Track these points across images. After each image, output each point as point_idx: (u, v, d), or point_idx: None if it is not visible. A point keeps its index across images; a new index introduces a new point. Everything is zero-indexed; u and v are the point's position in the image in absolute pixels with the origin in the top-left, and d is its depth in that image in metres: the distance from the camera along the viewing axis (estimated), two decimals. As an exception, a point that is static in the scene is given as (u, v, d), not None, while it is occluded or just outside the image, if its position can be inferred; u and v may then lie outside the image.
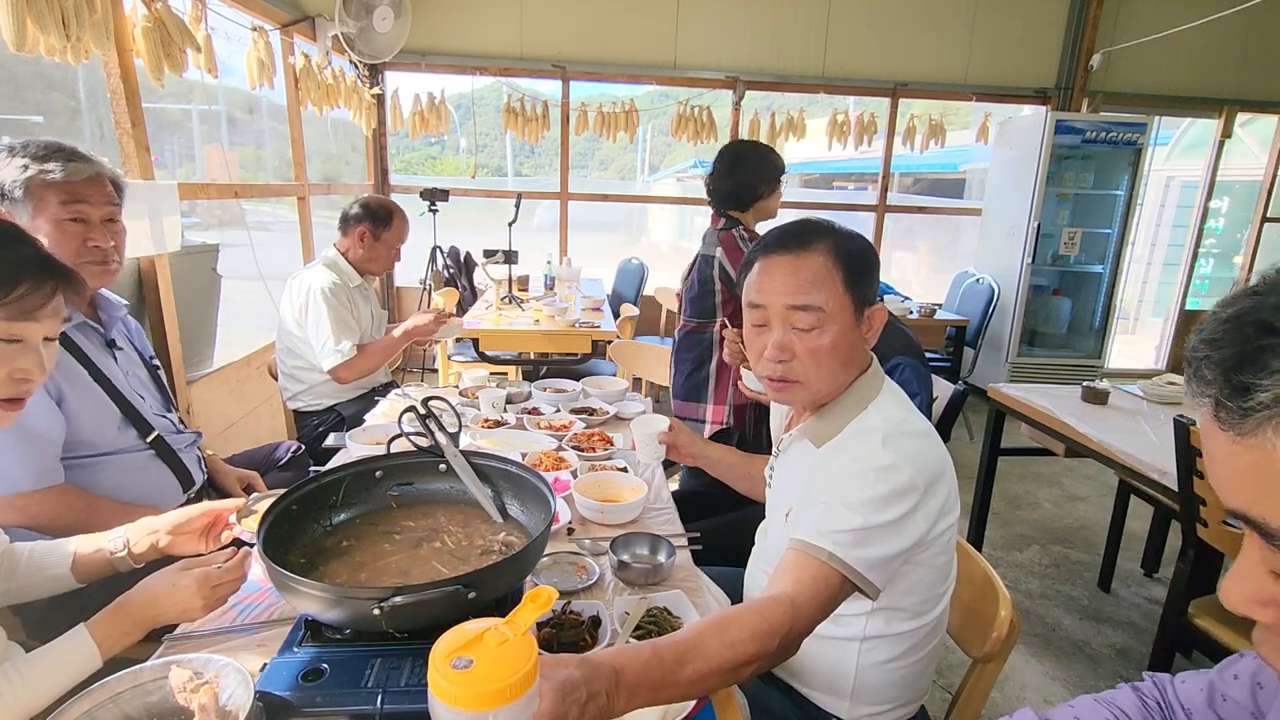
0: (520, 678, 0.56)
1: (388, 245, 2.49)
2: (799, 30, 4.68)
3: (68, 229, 1.33)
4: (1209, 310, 0.47)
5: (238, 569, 0.96)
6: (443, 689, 0.56)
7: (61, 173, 1.31)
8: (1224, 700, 0.66)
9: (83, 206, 1.35)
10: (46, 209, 1.31)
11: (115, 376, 1.44)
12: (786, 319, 1.00)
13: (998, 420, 2.54)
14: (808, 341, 0.99)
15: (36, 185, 1.30)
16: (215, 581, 0.93)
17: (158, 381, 1.60)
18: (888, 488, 0.90)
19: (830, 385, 1.03)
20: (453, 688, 0.55)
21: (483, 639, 0.59)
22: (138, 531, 1.06)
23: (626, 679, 0.69)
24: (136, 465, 1.45)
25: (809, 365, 1.00)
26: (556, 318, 3.20)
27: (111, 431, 1.41)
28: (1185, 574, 1.71)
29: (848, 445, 1.00)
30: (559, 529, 1.31)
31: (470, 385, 2.12)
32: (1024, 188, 4.52)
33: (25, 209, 1.30)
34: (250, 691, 0.74)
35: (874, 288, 1.03)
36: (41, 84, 2.37)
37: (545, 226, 5.61)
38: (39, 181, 1.30)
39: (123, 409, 1.43)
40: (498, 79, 4.62)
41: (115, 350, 1.48)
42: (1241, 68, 4.93)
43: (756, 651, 0.78)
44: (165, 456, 1.51)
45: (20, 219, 1.30)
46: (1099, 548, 2.72)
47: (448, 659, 0.58)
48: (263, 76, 3.05)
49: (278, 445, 2.03)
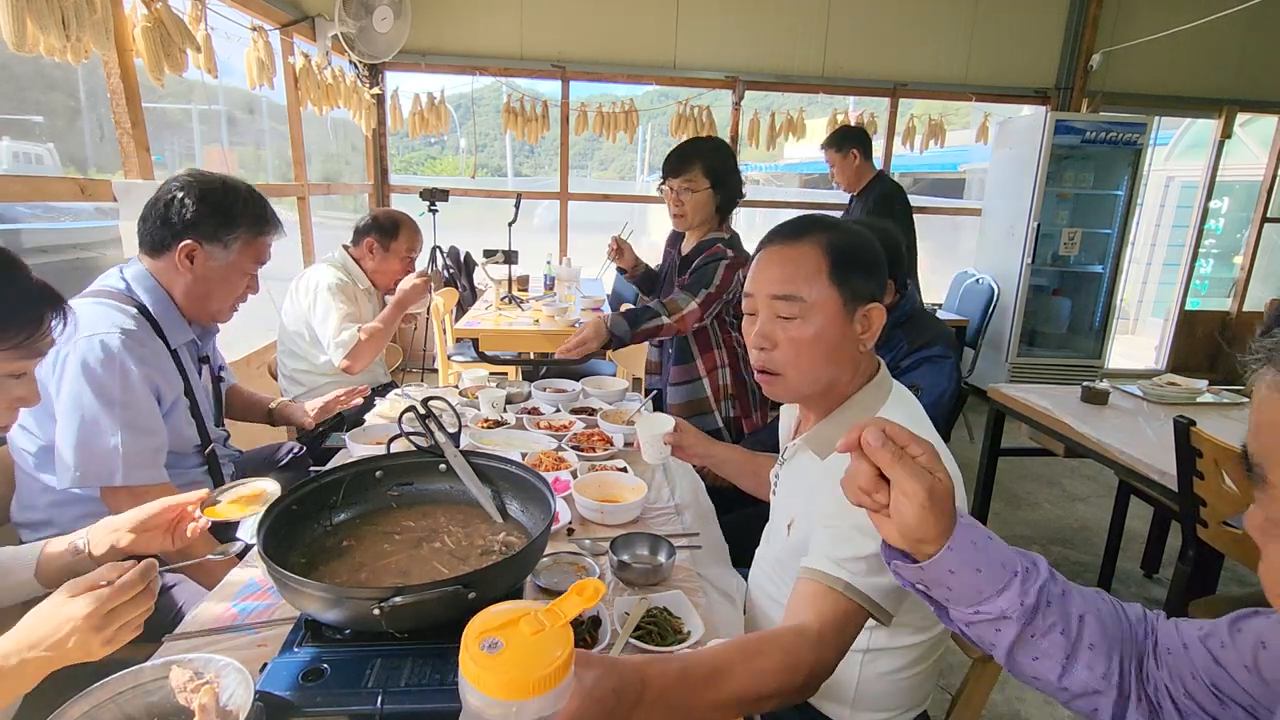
0: (550, 672, 0.52)
1: (397, 255, 2.55)
2: (799, 30, 4.68)
3: (245, 279, 1.48)
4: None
5: (136, 583, 0.78)
6: (468, 669, 0.52)
7: (269, 237, 1.48)
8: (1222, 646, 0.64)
9: (261, 265, 1.50)
10: (244, 263, 1.45)
11: (199, 391, 1.51)
12: (770, 308, 1.01)
13: (998, 420, 2.54)
14: (789, 331, 0.99)
15: (250, 245, 1.44)
16: (110, 605, 0.77)
17: (218, 394, 1.66)
18: None
19: (812, 380, 1.01)
20: (477, 669, 0.52)
21: (519, 624, 0.55)
22: (99, 531, 1.02)
23: (649, 694, 0.67)
24: (190, 478, 1.50)
25: (789, 356, 1.00)
26: (556, 318, 3.19)
27: (185, 442, 1.47)
28: (1185, 575, 1.71)
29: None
30: (559, 529, 1.30)
31: (470, 385, 2.11)
32: (1024, 188, 4.52)
33: (227, 257, 1.42)
34: (250, 691, 0.74)
35: (871, 285, 1.00)
36: (41, 84, 2.37)
37: (545, 226, 5.60)
38: (253, 242, 1.44)
39: (197, 421, 1.49)
40: (497, 79, 4.62)
41: (203, 365, 1.56)
42: (1241, 68, 4.93)
43: (779, 686, 0.76)
44: (212, 469, 1.56)
45: (213, 261, 1.41)
46: (1099, 548, 2.72)
47: (478, 639, 0.54)
48: (263, 76, 3.05)
49: (278, 446, 2.03)
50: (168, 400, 1.38)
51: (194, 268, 1.40)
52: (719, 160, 2.13)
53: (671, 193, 2.14)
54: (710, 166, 2.10)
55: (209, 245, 1.39)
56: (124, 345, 1.27)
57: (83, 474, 1.25)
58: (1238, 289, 5.54)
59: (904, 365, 1.72)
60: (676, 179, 2.12)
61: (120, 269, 1.42)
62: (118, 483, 1.27)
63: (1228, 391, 2.38)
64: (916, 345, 1.73)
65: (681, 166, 2.11)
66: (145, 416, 1.31)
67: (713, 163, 2.11)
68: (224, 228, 1.40)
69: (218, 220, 1.39)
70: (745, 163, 5.13)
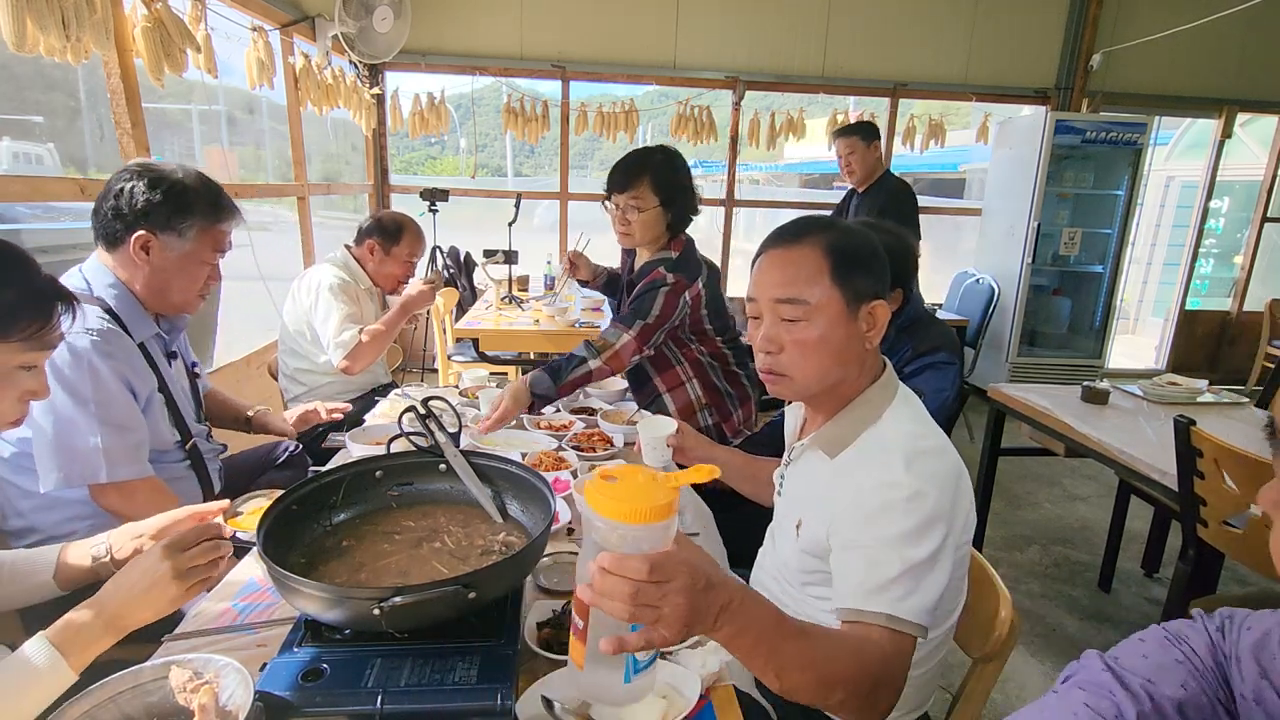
0: (654, 508, 0.63)
1: (398, 260, 2.54)
2: (799, 30, 4.68)
3: (205, 268, 1.45)
4: None
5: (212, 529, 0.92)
6: (590, 494, 0.65)
7: (226, 224, 1.44)
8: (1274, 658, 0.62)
9: (221, 253, 1.47)
10: (200, 252, 1.42)
11: (174, 385, 1.49)
12: (774, 311, 1.01)
13: (998, 420, 2.53)
14: (794, 334, 1.00)
15: (205, 232, 1.40)
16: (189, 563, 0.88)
17: (195, 391, 1.63)
18: (917, 519, 0.88)
19: (819, 379, 1.01)
20: (594, 492, 0.64)
21: (636, 474, 0.68)
22: (121, 537, 1.05)
23: (744, 611, 0.70)
24: (174, 473, 1.48)
25: (795, 358, 1.00)
26: (556, 318, 3.19)
27: (165, 438, 1.46)
28: (1185, 574, 1.71)
29: (865, 461, 0.98)
30: (559, 529, 1.30)
31: (470, 385, 2.11)
32: (1024, 188, 4.51)
33: (182, 246, 1.39)
34: (250, 691, 0.74)
35: (874, 283, 1.00)
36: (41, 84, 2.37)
37: (545, 226, 5.61)
38: (208, 229, 1.41)
39: (174, 416, 1.47)
40: (498, 79, 4.62)
41: (173, 360, 1.53)
42: (1241, 68, 4.93)
43: (849, 674, 0.77)
44: (196, 465, 1.54)
45: (169, 251, 1.38)
46: (1099, 548, 2.72)
47: (604, 475, 0.67)
48: (263, 76, 3.05)
49: (277, 445, 2.03)
50: (142, 396, 1.36)
51: (150, 259, 1.36)
52: (670, 174, 1.92)
53: (616, 210, 1.93)
54: (660, 182, 1.90)
55: (164, 235, 1.35)
56: (92, 345, 1.26)
57: (66, 475, 1.24)
58: (1238, 289, 5.54)
59: (907, 370, 1.71)
60: (622, 195, 1.91)
61: (80, 268, 1.39)
62: (103, 480, 1.26)
63: (1228, 391, 2.38)
64: (921, 351, 1.73)
65: (627, 181, 1.90)
66: (122, 412, 1.30)
67: (663, 177, 1.90)
68: (177, 215, 1.35)
69: (170, 208, 1.35)
70: (745, 163, 5.13)
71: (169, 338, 1.52)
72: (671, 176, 1.92)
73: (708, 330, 2.00)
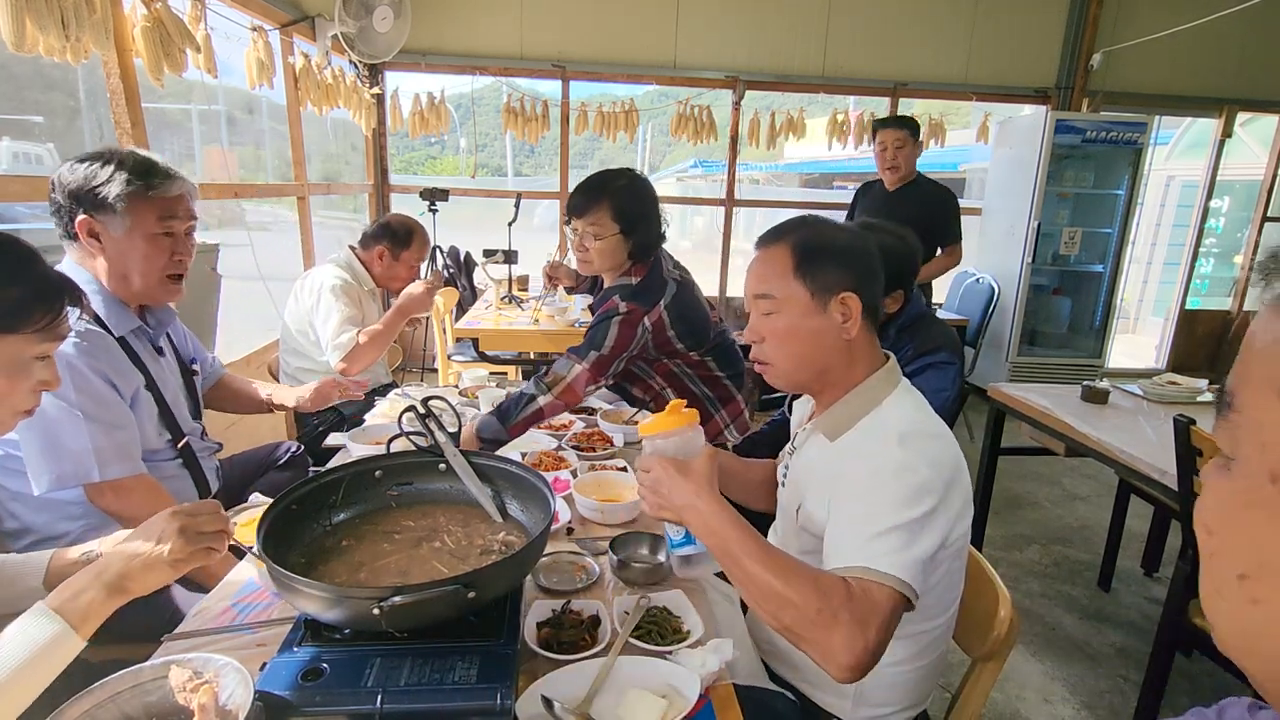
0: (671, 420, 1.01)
1: (406, 264, 2.54)
2: (799, 30, 4.67)
3: (160, 243, 1.38)
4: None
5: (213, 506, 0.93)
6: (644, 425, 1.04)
7: (161, 188, 1.36)
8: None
9: (173, 222, 1.39)
10: (144, 223, 1.35)
11: (162, 382, 1.47)
12: (756, 306, 1.11)
13: (998, 420, 2.53)
14: (769, 325, 1.09)
15: (138, 199, 1.34)
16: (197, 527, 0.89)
17: (190, 388, 1.62)
18: (905, 488, 0.91)
19: (798, 365, 1.08)
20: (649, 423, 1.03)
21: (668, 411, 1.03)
22: (111, 543, 1.03)
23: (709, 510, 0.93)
24: (166, 473, 1.47)
25: (774, 346, 1.09)
26: (556, 318, 3.19)
27: (154, 436, 1.44)
28: (1185, 574, 1.71)
29: (863, 441, 1.02)
30: (559, 529, 1.31)
31: (470, 385, 2.12)
32: (1024, 187, 4.51)
33: (123, 222, 1.34)
34: (250, 691, 0.74)
35: (842, 274, 1.03)
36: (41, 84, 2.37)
37: (545, 226, 5.61)
38: (141, 196, 1.34)
39: (164, 414, 1.46)
40: (498, 79, 4.61)
41: (161, 356, 1.51)
42: (1241, 68, 4.92)
43: (802, 597, 0.83)
44: (190, 465, 1.53)
45: (114, 231, 1.34)
46: (1099, 547, 2.72)
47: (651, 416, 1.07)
48: (262, 76, 3.05)
49: (277, 445, 2.03)
50: (127, 394, 1.35)
51: (103, 245, 1.34)
52: (631, 201, 1.83)
53: (575, 235, 1.86)
54: (620, 208, 1.81)
55: (101, 215, 1.32)
56: (73, 345, 1.24)
57: (58, 476, 1.24)
58: (1238, 288, 5.54)
59: (908, 370, 1.71)
60: (580, 220, 1.83)
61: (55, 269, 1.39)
62: (96, 479, 1.26)
63: (1228, 391, 2.38)
64: (923, 350, 1.74)
65: (586, 206, 1.82)
66: (108, 410, 1.29)
67: (623, 204, 1.82)
68: (103, 188, 1.31)
69: (95, 184, 1.30)
70: (745, 162, 5.13)
71: (154, 332, 1.49)
72: (632, 204, 1.84)
73: (678, 348, 1.94)
